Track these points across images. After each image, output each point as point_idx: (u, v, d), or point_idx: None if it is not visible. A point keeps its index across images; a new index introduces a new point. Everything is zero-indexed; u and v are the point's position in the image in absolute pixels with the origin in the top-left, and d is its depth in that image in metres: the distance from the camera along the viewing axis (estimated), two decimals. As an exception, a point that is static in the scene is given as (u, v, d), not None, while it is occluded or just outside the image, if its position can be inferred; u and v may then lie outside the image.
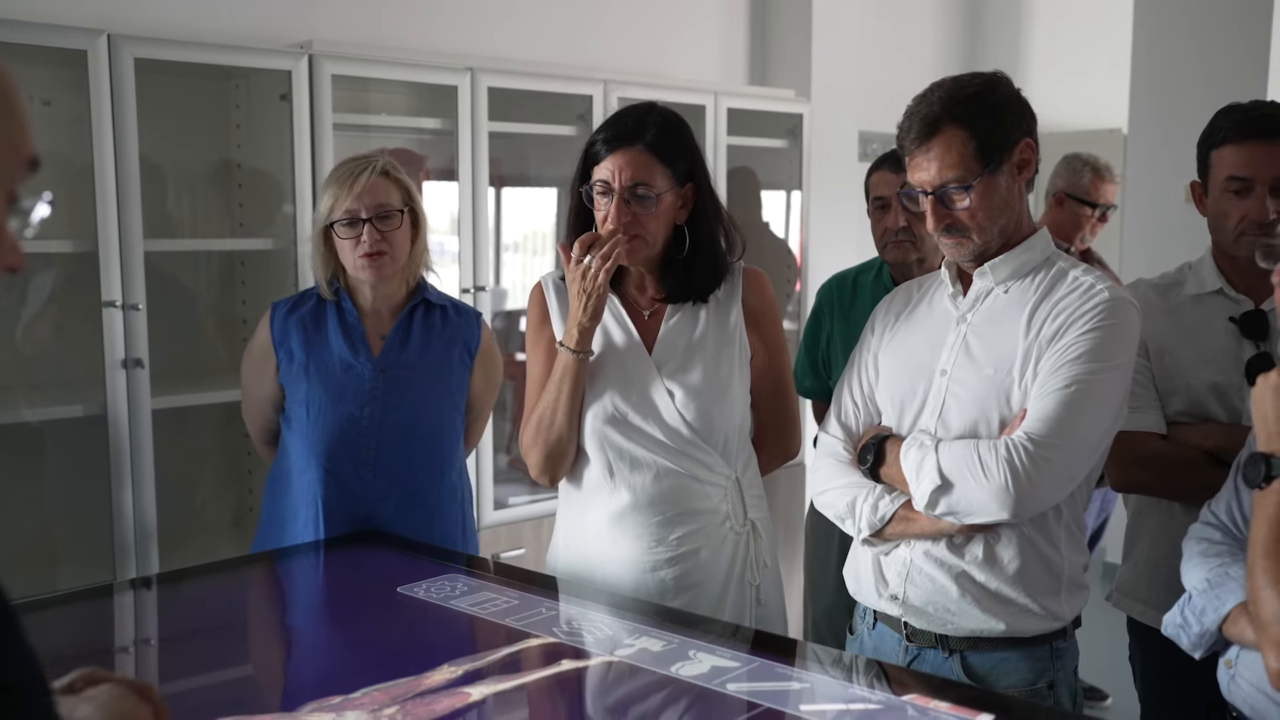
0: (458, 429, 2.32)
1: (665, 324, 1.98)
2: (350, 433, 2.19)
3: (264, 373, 2.26)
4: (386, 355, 2.22)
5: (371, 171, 2.17)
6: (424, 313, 2.29)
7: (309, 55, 2.86)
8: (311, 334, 2.23)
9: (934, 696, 1.46)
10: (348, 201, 2.15)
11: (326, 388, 2.20)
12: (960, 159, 1.66)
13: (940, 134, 1.67)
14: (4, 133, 0.79)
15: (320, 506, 2.19)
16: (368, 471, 2.20)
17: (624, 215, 1.88)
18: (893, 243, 2.53)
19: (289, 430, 2.25)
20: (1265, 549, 1.40)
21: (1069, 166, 3.63)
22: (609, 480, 1.95)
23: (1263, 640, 1.39)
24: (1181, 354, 2.03)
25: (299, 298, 2.30)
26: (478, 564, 2.14)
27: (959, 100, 1.68)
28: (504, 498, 3.41)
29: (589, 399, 1.95)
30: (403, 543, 2.17)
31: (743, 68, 4.50)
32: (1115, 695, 3.80)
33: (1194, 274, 2.11)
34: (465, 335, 2.31)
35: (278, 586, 2.20)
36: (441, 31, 3.53)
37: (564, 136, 3.50)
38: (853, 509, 1.78)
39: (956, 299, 1.80)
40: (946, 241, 1.73)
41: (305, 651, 1.85)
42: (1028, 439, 1.61)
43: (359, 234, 2.15)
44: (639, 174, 1.88)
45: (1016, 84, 1.76)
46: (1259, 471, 1.44)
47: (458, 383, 2.30)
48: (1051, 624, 1.73)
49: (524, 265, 3.98)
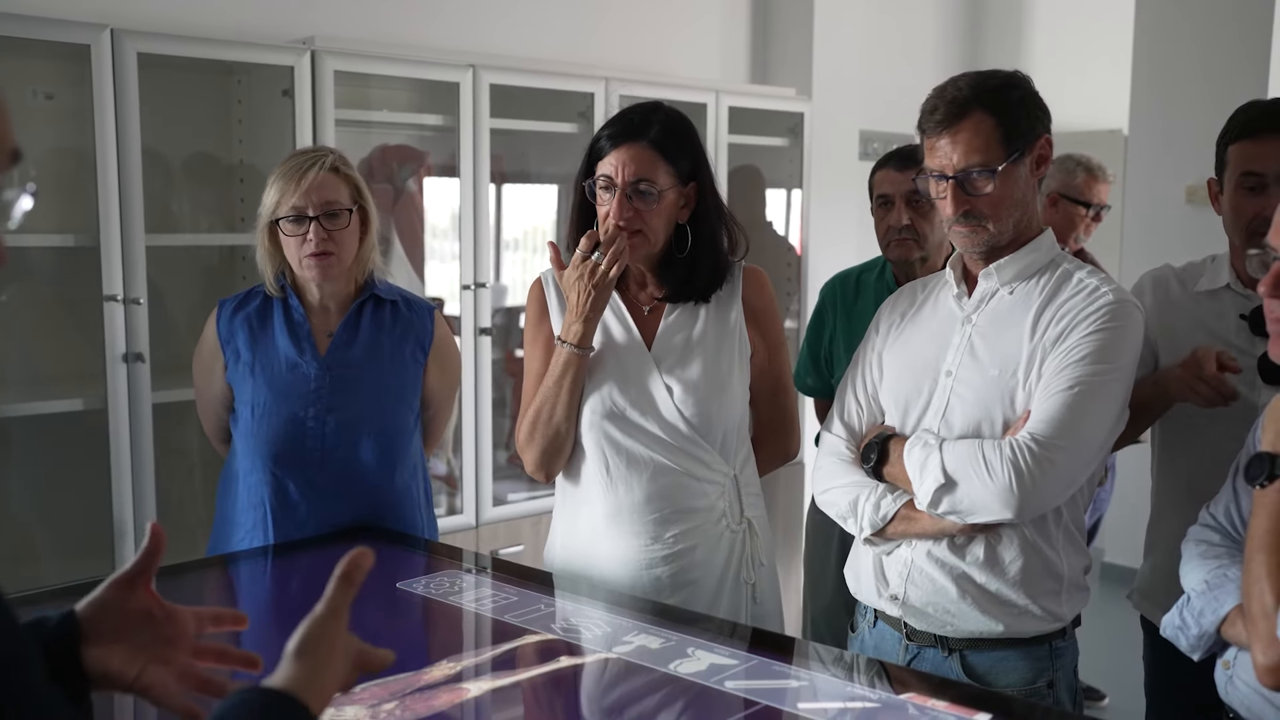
0: (410, 427, 2.24)
1: (665, 321, 1.98)
2: (296, 433, 2.14)
3: (212, 372, 2.21)
4: (333, 354, 2.16)
5: (320, 167, 2.09)
6: (373, 308, 2.21)
7: (311, 51, 2.87)
8: (258, 333, 2.17)
9: (933, 695, 1.47)
10: (294, 198, 2.08)
11: (272, 388, 2.14)
12: (988, 143, 1.67)
13: (969, 118, 1.67)
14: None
15: (268, 509, 2.15)
16: (314, 472, 2.15)
17: (626, 211, 1.88)
18: (896, 241, 2.53)
19: (236, 430, 2.21)
20: (1261, 543, 1.40)
21: (1062, 167, 3.61)
22: (606, 476, 1.95)
23: (1251, 634, 1.39)
24: (1195, 342, 1.98)
25: (245, 295, 2.22)
26: (477, 561, 2.15)
27: (987, 89, 1.69)
28: (503, 494, 3.42)
29: (587, 394, 1.95)
30: (402, 538, 2.17)
31: (744, 66, 4.50)
32: (1113, 695, 3.81)
33: (1212, 269, 2.08)
34: (417, 330, 2.23)
35: (276, 581, 2.20)
36: (443, 28, 3.53)
37: (565, 133, 3.51)
38: (855, 508, 1.78)
39: (961, 299, 1.80)
40: (961, 230, 1.72)
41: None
42: (1032, 439, 1.62)
43: (305, 232, 2.08)
44: (642, 170, 1.88)
45: (1020, 84, 1.77)
46: (1263, 470, 1.45)
47: (410, 380, 2.24)
48: (1051, 625, 1.73)
49: (524, 262, 3.98)
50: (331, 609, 0.97)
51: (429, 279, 3.49)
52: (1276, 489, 1.42)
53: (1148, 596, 2.13)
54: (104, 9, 2.77)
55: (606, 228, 1.89)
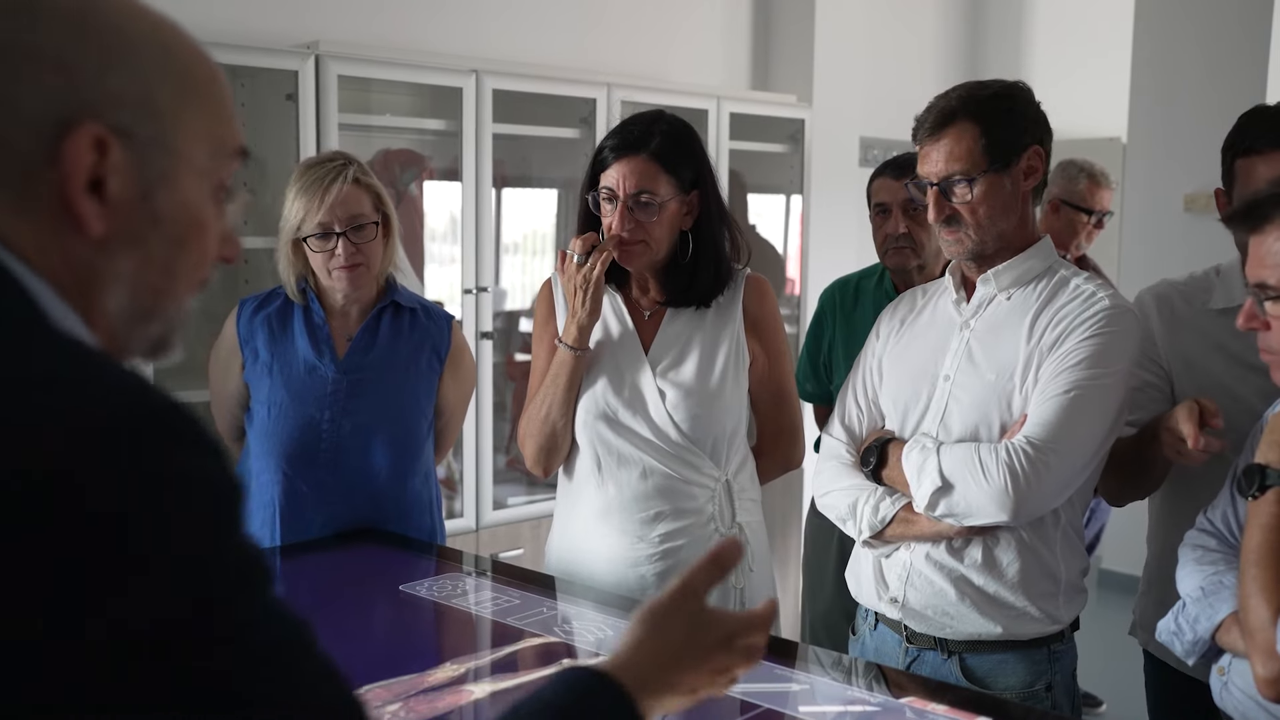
0: (423, 434, 2.25)
1: (664, 326, 2.00)
2: (310, 435, 2.15)
3: (230, 370, 2.22)
4: (351, 358, 2.17)
5: (343, 180, 2.08)
6: (392, 315, 2.22)
7: (315, 56, 2.88)
8: (277, 334, 2.18)
9: (931, 699, 1.48)
10: (320, 214, 2.07)
11: (289, 389, 2.15)
12: (968, 152, 1.69)
13: (953, 127, 1.70)
14: (211, 123, 0.79)
15: (277, 509, 2.15)
16: (326, 475, 2.15)
17: (628, 222, 1.90)
18: (893, 249, 2.55)
19: (251, 429, 2.21)
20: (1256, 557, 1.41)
21: (1064, 173, 3.59)
22: (597, 474, 1.97)
23: (1250, 647, 1.40)
24: (1213, 365, 1.87)
25: (267, 295, 2.22)
26: (478, 564, 2.16)
27: (977, 99, 1.71)
28: (503, 498, 3.43)
29: (583, 393, 1.97)
30: (405, 541, 2.18)
31: (745, 72, 4.52)
32: (1110, 703, 3.82)
33: (1222, 284, 1.91)
34: (434, 339, 2.25)
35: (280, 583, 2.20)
36: (447, 33, 3.54)
37: (567, 139, 3.51)
38: (854, 510, 1.79)
39: (960, 305, 1.82)
40: (945, 237, 1.76)
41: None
42: (1028, 443, 1.63)
43: (333, 247, 2.08)
44: (643, 182, 1.90)
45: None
46: (1253, 481, 1.46)
47: (425, 388, 2.25)
48: (1049, 627, 1.74)
49: (524, 266, 3.99)
50: (685, 582, 0.92)
51: (429, 283, 3.50)
52: (1268, 500, 1.43)
53: (1146, 628, 1.97)
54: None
55: (608, 239, 1.91)
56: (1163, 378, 1.92)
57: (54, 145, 0.70)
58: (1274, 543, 1.40)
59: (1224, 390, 1.80)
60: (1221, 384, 1.83)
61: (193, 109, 0.77)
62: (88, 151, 0.70)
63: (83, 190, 0.71)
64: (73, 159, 0.70)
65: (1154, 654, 1.99)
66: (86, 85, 0.71)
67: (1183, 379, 1.89)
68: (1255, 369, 1.73)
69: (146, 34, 0.75)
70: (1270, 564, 1.39)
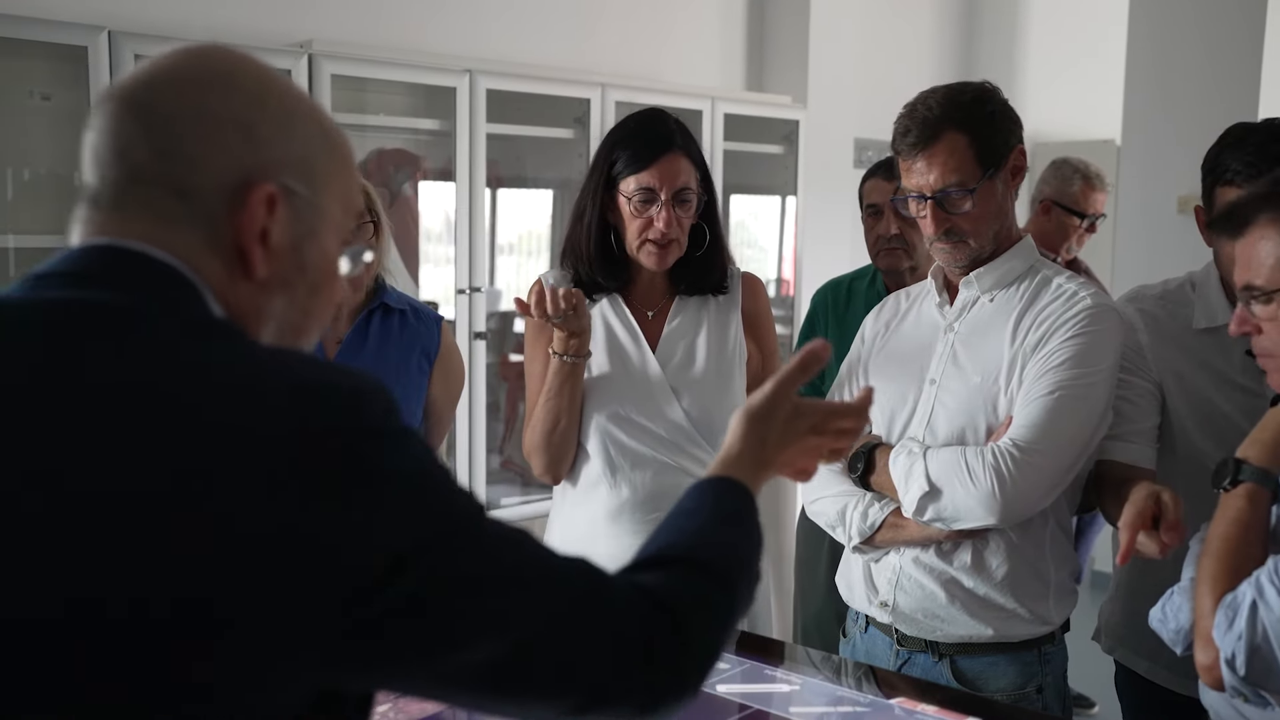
0: None
1: (668, 324, 2.01)
2: None
3: None
4: (340, 360, 2.16)
5: None
6: (382, 317, 2.22)
7: (309, 55, 2.88)
8: None
9: (921, 700, 1.48)
10: None
11: None
12: (963, 163, 1.68)
13: (942, 138, 1.68)
14: (346, 187, 0.92)
15: None
16: None
17: (673, 221, 1.91)
18: (885, 250, 2.55)
19: None
20: (1214, 548, 1.42)
21: (1058, 173, 3.48)
22: (610, 477, 1.96)
23: (1195, 633, 1.41)
24: (1200, 381, 1.86)
25: None
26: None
27: (959, 105, 1.69)
28: (496, 499, 3.42)
29: (593, 397, 1.97)
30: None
31: (740, 73, 4.52)
32: (1102, 704, 3.82)
33: (1201, 303, 1.87)
34: (424, 340, 2.25)
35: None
36: (441, 33, 3.54)
37: (561, 139, 3.51)
38: (843, 517, 1.79)
39: (943, 308, 1.82)
40: (943, 246, 1.74)
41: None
42: (1013, 445, 1.63)
43: None
44: (684, 178, 1.93)
45: (1010, 95, 1.78)
46: (1227, 473, 1.46)
47: (414, 389, 2.25)
48: (1040, 628, 1.74)
49: (518, 267, 3.99)
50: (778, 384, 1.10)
51: (424, 283, 3.50)
52: (1238, 495, 1.44)
53: (1112, 635, 2.01)
54: (101, 11, 2.78)
55: (658, 236, 1.90)
56: (1155, 384, 1.89)
57: (236, 198, 0.83)
58: (1235, 536, 1.40)
59: (1212, 406, 1.82)
60: (1210, 400, 1.83)
61: (336, 175, 0.91)
62: (261, 206, 0.84)
63: (255, 238, 0.84)
64: (251, 211, 0.84)
65: (1121, 662, 2.00)
66: (264, 150, 0.85)
67: (1173, 393, 1.86)
68: (1240, 388, 1.79)
69: (307, 110, 0.90)
70: (1224, 556, 1.40)
